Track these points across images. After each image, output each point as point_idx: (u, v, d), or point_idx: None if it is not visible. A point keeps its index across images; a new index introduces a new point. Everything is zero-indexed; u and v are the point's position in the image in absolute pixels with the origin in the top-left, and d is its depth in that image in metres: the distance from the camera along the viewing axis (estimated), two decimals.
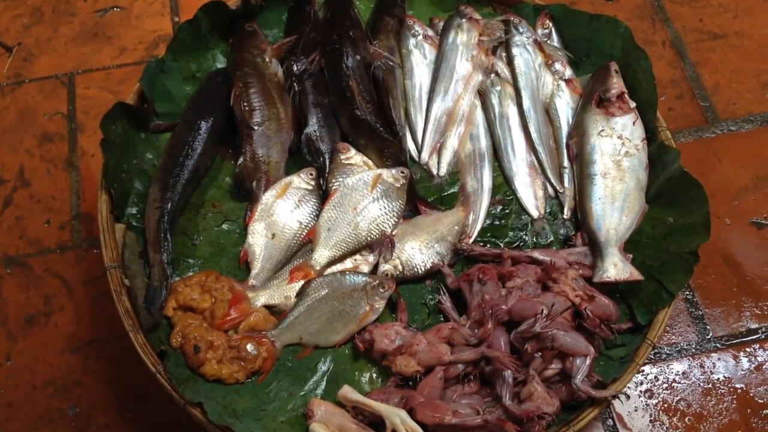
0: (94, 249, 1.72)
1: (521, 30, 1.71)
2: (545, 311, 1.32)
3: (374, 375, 1.41)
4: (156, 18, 2.08)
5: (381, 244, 1.48)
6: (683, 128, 1.87)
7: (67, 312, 1.65)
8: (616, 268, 1.43)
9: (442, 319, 1.45)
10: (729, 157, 1.82)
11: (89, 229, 1.75)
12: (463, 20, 1.71)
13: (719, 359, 1.57)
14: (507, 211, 1.58)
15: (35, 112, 1.93)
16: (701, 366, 1.56)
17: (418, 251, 1.48)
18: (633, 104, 1.60)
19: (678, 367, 1.56)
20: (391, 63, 1.65)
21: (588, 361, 1.31)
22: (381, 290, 1.42)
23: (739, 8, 2.05)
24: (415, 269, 1.47)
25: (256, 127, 1.58)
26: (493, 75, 1.68)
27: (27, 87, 1.98)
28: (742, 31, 2.02)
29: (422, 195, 1.57)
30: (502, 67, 1.69)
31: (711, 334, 1.60)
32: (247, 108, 1.59)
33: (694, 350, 1.58)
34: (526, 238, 1.55)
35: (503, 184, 1.61)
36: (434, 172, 1.62)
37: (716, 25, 2.03)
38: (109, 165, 1.50)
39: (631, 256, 1.47)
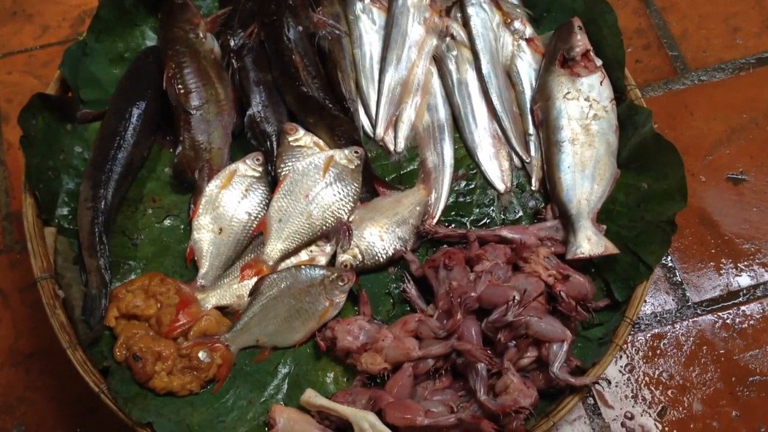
0: None
1: None
2: (517, 297, 1.23)
3: (339, 374, 1.32)
4: None
5: (338, 233, 1.38)
6: (652, 81, 1.77)
7: (3, 323, 1.53)
8: (589, 242, 1.34)
9: (408, 309, 1.36)
10: (701, 109, 1.73)
11: (22, 231, 1.60)
12: None
13: (700, 326, 1.50)
14: (471, 186, 1.48)
15: None
16: (682, 335, 1.49)
17: (378, 237, 1.37)
18: (599, 62, 1.50)
19: (658, 337, 1.49)
20: (337, 31, 1.53)
21: (565, 347, 1.24)
22: (340, 283, 1.32)
23: None
24: (376, 257, 1.37)
25: (193, 112, 1.45)
26: (448, 38, 1.57)
27: None
28: None
29: (379, 175, 1.47)
30: (457, 30, 1.57)
31: (690, 300, 1.52)
32: (182, 90, 1.46)
33: (673, 318, 1.51)
34: (493, 214, 1.46)
35: (465, 156, 1.51)
36: (391, 148, 1.52)
37: None
38: (32, 164, 1.37)
39: (604, 227, 1.38)
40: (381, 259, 1.38)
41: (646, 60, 1.80)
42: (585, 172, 1.42)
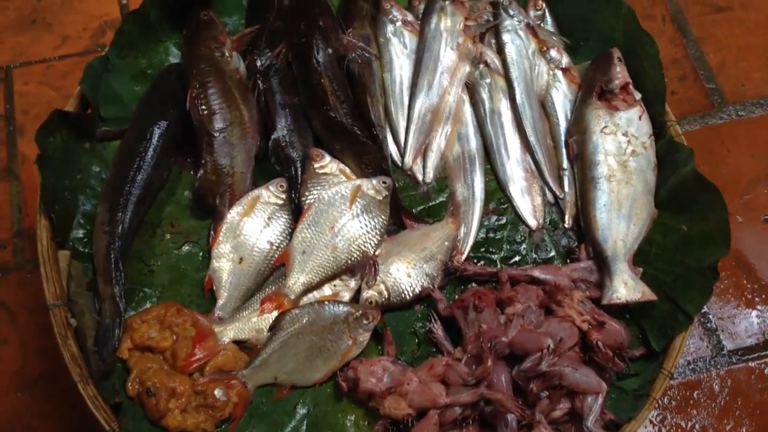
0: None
1: (511, 13, 1.54)
2: (552, 346, 1.17)
3: (360, 418, 1.26)
4: (102, 1, 1.86)
5: (363, 268, 1.32)
6: (687, 114, 1.72)
7: (11, 345, 1.48)
8: (626, 287, 1.28)
9: (434, 350, 1.30)
10: (738, 145, 1.67)
11: (34, 248, 1.55)
12: (447, 2, 1.53)
13: (736, 376, 1.44)
14: (502, 221, 1.42)
15: None
16: (716, 384, 1.43)
17: (405, 274, 1.32)
18: (638, 96, 1.44)
19: (691, 386, 1.43)
20: (367, 54, 1.48)
21: (600, 400, 1.18)
22: (365, 321, 1.26)
23: None
24: (403, 294, 1.31)
25: (216, 134, 1.40)
26: (481, 65, 1.51)
27: None
28: (747, 3, 1.86)
29: (407, 206, 1.41)
30: (491, 56, 1.52)
31: (725, 348, 1.46)
32: (205, 111, 1.40)
33: (707, 366, 1.45)
34: (524, 252, 1.40)
35: (497, 190, 1.46)
36: (419, 178, 1.46)
37: None
38: (47, 184, 1.32)
39: (641, 270, 1.32)
40: (407, 297, 1.32)
41: (681, 92, 1.74)
42: (621, 211, 1.36)
